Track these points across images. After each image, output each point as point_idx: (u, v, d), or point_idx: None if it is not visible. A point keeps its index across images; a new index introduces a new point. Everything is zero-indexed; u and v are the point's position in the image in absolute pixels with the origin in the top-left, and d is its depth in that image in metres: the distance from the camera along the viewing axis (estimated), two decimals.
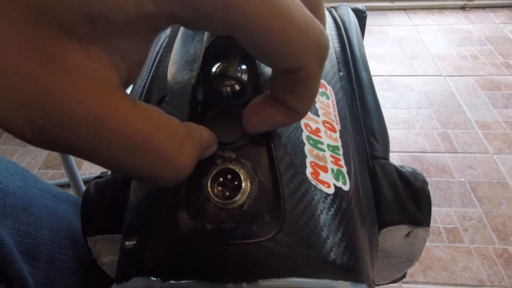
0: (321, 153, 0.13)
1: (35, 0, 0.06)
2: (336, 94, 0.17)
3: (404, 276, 0.49)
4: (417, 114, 0.88)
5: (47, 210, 0.24)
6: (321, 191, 0.12)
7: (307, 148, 0.13)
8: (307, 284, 0.10)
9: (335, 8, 0.30)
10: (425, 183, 0.17)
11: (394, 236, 0.17)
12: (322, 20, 0.10)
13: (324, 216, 0.11)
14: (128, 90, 0.13)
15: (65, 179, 0.70)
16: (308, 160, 0.12)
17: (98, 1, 0.07)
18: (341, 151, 0.14)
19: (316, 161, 0.12)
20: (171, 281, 0.10)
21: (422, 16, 1.23)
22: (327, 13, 0.27)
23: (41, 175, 0.81)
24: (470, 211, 0.70)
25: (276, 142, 0.12)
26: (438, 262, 0.63)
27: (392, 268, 0.20)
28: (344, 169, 0.13)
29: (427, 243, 0.66)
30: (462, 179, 0.75)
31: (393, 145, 0.82)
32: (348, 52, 0.22)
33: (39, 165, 0.84)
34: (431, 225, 0.66)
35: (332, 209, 0.12)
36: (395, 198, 0.16)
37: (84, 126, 0.07)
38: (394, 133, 0.84)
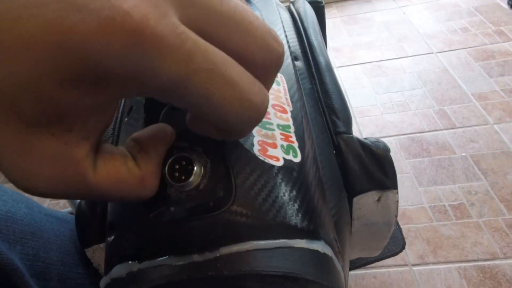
0: (269, 132, 0.15)
1: (15, 107, 0.08)
2: (288, 80, 0.18)
3: (403, 247, 0.49)
4: (411, 96, 0.88)
5: (54, 233, 0.26)
6: (269, 164, 0.13)
7: (255, 129, 0.14)
8: (263, 245, 0.11)
9: (292, 2, 0.32)
10: (386, 150, 0.18)
11: (367, 203, 0.18)
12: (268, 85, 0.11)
13: (274, 184, 0.13)
14: None
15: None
16: (255, 140, 0.14)
17: (50, 106, 0.08)
18: (292, 129, 0.15)
19: (264, 139, 0.14)
20: (146, 262, 0.12)
21: None
22: (285, 9, 0.29)
23: (53, 205, 0.86)
24: (475, 185, 0.68)
25: None
26: (447, 241, 0.63)
27: (376, 235, 0.21)
28: (296, 144, 0.15)
29: (434, 223, 0.65)
30: (463, 154, 0.74)
31: (389, 129, 0.82)
32: (305, 41, 0.23)
33: None
34: (436, 204, 0.66)
35: (282, 179, 0.13)
36: (361, 167, 0.18)
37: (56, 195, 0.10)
38: (390, 118, 0.84)
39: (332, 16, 1.23)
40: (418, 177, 0.72)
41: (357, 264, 0.44)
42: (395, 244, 0.44)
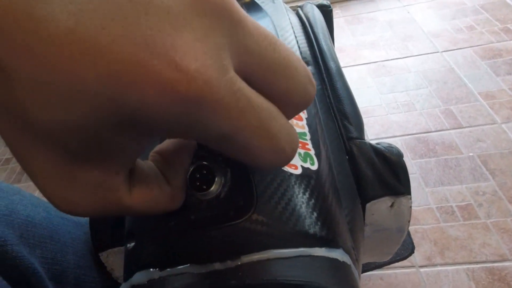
0: None
1: (63, 143, 0.08)
2: None
3: (412, 251, 0.49)
4: (416, 95, 0.87)
5: (70, 236, 0.26)
6: (288, 172, 0.13)
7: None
8: (283, 254, 0.12)
9: (300, 7, 0.32)
10: (400, 155, 0.18)
11: (380, 209, 0.18)
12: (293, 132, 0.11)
13: (293, 193, 0.13)
14: None
15: None
16: None
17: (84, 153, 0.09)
18: (308, 136, 0.15)
19: None
20: (168, 269, 0.12)
21: None
22: (294, 14, 0.29)
23: None
24: (482, 185, 0.68)
25: None
26: (454, 242, 0.62)
27: (388, 241, 0.21)
28: (312, 152, 0.15)
29: (441, 224, 0.65)
30: (471, 154, 0.73)
31: (395, 130, 0.81)
32: (315, 46, 0.23)
33: None
34: (443, 205, 0.66)
35: (301, 187, 0.13)
36: (374, 173, 0.18)
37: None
38: (395, 118, 0.84)
39: (335, 16, 1.22)
40: (424, 177, 0.72)
41: (365, 268, 0.43)
42: (404, 248, 0.44)
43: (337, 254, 0.12)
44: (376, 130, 0.82)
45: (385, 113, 0.85)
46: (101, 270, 0.26)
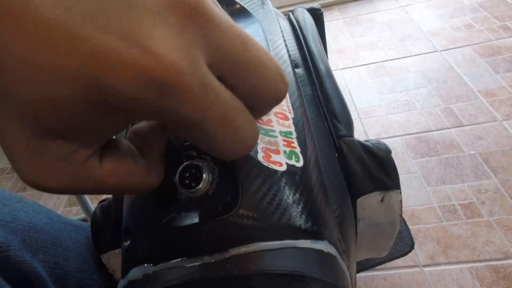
0: (272, 139, 0.15)
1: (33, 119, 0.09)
2: (290, 89, 0.19)
3: (412, 247, 0.49)
4: (416, 95, 0.88)
5: (72, 241, 0.27)
6: (273, 169, 0.14)
7: (259, 136, 0.15)
8: (269, 246, 0.12)
9: (292, 11, 0.33)
10: (388, 151, 0.19)
11: (371, 203, 0.19)
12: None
13: (278, 189, 0.14)
14: None
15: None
16: (259, 147, 0.15)
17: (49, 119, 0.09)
18: (294, 135, 0.16)
19: (268, 146, 0.15)
20: (161, 264, 0.13)
21: None
22: (284, 18, 0.30)
23: (66, 212, 0.87)
24: (485, 183, 0.68)
25: None
26: (457, 240, 0.62)
27: (382, 236, 0.21)
28: (298, 150, 0.15)
29: (444, 223, 0.65)
30: (472, 152, 0.73)
31: (395, 129, 0.82)
32: (305, 48, 0.24)
33: (64, 204, 0.91)
34: (445, 203, 0.66)
35: (286, 183, 0.14)
36: (364, 169, 0.18)
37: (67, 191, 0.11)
38: (395, 118, 0.84)
39: (334, 18, 1.23)
40: (426, 176, 0.72)
41: (366, 265, 0.44)
42: (404, 244, 0.44)
43: (322, 246, 0.13)
44: (377, 130, 0.82)
45: (385, 113, 0.86)
46: (103, 273, 0.27)
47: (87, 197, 0.68)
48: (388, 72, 0.96)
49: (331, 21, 1.22)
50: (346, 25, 1.18)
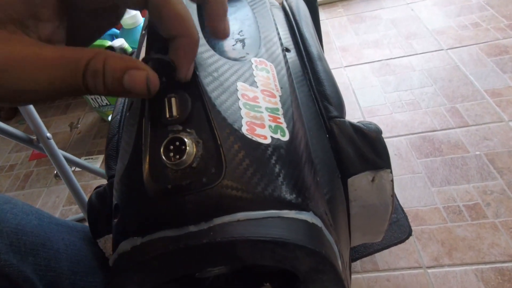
0: (258, 114, 0.16)
1: None
2: (279, 70, 0.20)
3: (410, 234, 0.49)
4: (421, 94, 0.88)
5: (64, 243, 0.27)
6: (257, 142, 0.15)
7: (244, 112, 0.16)
8: (253, 215, 0.13)
9: None
10: (378, 131, 0.19)
11: (361, 183, 0.19)
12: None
13: (261, 161, 0.14)
14: None
15: None
16: (244, 121, 0.15)
17: None
18: (280, 112, 0.17)
19: (253, 120, 0.16)
20: (148, 235, 0.14)
21: None
22: (278, 7, 0.31)
23: (66, 211, 0.88)
24: (490, 184, 0.68)
25: (214, 112, 0.16)
26: (462, 242, 0.62)
27: (375, 217, 0.22)
28: (284, 125, 0.16)
29: (448, 224, 0.65)
30: (477, 153, 0.73)
31: (400, 129, 0.82)
32: (297, 33, 0.25)
33: (63, 202, 0.92)
34: (450, 204, 0.66)
35: (270, 155, 0.14)
36: (354, 149, 0.19)
37: None
38: (400, 117, 0.84)
39: (338, 15, 1.24)
40: (430, 177, 0.72)
41: (364, 252, 0.44)
42: (402, 232, 0.44)
43: (306, 216, 0.13)
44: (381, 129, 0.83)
45: (389, 112, 0.86)
46: (98, 275, 0.27)
47: (85, 196, 0.69)
48: (392, 71, 0.96)
49: (335, 18, 1.23)
50: (350, 23, 1.19)
